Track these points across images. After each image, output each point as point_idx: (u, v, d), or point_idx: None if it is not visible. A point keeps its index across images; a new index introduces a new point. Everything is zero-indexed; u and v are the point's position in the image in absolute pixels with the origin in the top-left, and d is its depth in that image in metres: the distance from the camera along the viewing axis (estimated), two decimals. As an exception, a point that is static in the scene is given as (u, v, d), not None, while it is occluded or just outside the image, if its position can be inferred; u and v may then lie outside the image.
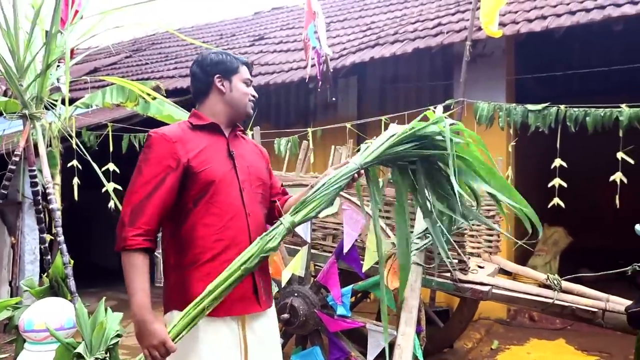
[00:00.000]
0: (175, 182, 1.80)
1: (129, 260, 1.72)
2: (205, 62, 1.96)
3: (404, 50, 5.51)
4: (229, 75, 1.95)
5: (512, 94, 5.73)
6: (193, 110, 1.99)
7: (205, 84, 1.95)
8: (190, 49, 9.22)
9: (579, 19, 4.68)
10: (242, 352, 1.84)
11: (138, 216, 1.72)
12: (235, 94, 1.96)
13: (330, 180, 1.82)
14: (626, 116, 4.28)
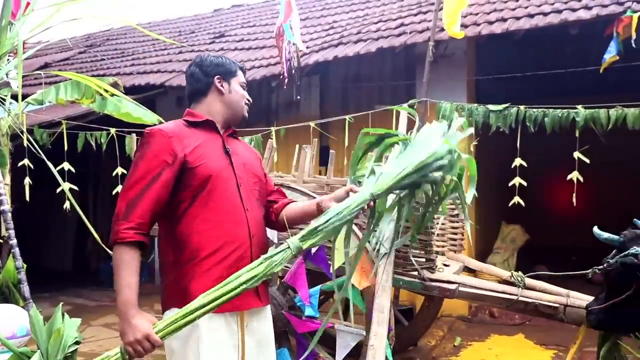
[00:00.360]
0: (171, 177, 1.79)
1: (120, 254, 1.70)
2: (205, 63, 2.01)
3: (367, 49, 5.52)
4: (228, 77, 2.01)
5: (473, 95, 5.84)
6: (187, 110, 2.00)
7: (205, 84, 1.98)
8: (147, 46, 8.98)
9: (537, 22, 4.80)
10: (239, 352, 1.84)
11: (132, 210, 1.71)
12: (234, 96, 2.01)
13: (342, 210, 1.77)
14: (582, 117, 4.41)
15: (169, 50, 8.10)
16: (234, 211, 1.86)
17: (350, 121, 5.12)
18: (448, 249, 4.06)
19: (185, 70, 2.07)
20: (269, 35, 7.69)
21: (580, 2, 4.93)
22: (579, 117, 4.43)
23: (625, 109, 4.31)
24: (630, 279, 2.45)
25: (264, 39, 7.51)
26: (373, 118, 5.12)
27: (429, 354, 4.78)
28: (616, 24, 4.39)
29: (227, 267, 1.80)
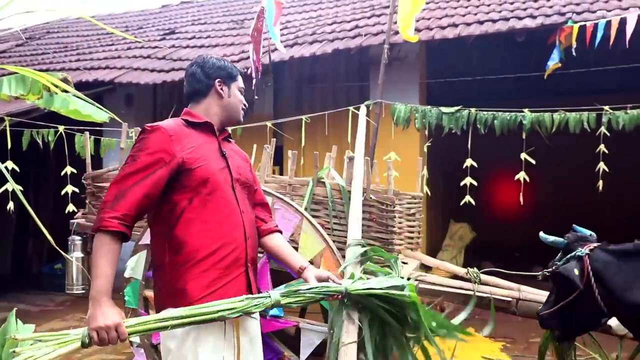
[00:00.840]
0: (165, 175, 1.79)
1: (100, 241, 1.71)
2: (207, 64, 2.04)
3: (323, 50, 5.58)
4: (228, 81, 2.04)
5: (424, 97, 6.01)
6: (186, 109, 2.02)
7: (206, 85, 2.00)
8: (92, 40, 8.67)
9: (487, 28, 5.01)
10: (234, 350, 1.86)
11: (120, 201, 1.72)
12: (232, 100, 2.04)
13: (318, 288, 1.95)
14: (529, 120, 4.65)
15: (117, 46, 7.86)
16: (231, 213, 1.89)
17: (307, 121, 5.16)
18: (405, 247, 4.18)
19: (186, 69, 2.09)
20: (221, 33, 7.62)
21: (525, 11, 5.19)
22: (526, 120, 4.66)
23: (567, 113, 4.58)
24: (572, 286, 2.58)
25: (217, 37, 7.42)
26: (328, 118, 5.19)
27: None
28: (558, 33, 4.65)
29: (224, 268, 1.83)
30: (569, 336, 3.01)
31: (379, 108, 5.14)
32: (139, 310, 3.44)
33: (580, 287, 2.58)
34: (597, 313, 2.66)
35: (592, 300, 2.56)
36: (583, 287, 2.57)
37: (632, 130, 4.46)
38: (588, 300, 2.58)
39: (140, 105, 7.09)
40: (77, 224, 3.97)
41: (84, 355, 4.80)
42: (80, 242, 4.01)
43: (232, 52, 6.54)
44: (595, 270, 2.58)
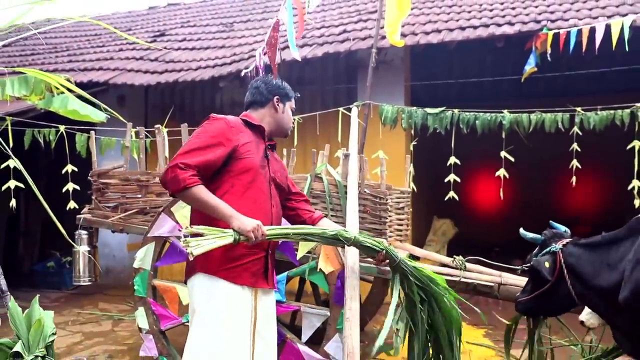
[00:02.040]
0: (223, 155, 2.13)
1: (199, 192, 2.06)
2: (270, 82, 2.46)
3: (314, 54, 5.83)
4: (284, 100, 2.45)
5: (409, 98, 6.31)
6: (245, 113, 2.42)
7: (266, 98, 2.40)
8: (82, 42, 8.79)
9: (469, 34, 5.33)
10: (251, 320, 2.16)
11: (192, 162, 2.04)
12: (285, 116, 2.45)
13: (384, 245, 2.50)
14: (508, 120, 4.98)
15: (108, 47, 8.00)
16: (263, 204, 2.23)
17: (300, 121, 5.42)
18: (395, 238, 4.45)
19: (251, 83, 2.49)
20: (211, 35, 7.82)
21: (504, 19, 5.52)
22: (505, 121, 4.98)
23: (543, 113, 4.92)
24: (543, 277, 2.87)
25: (207, 39, 7.61)
26: (320, 119, 5.46)
27: (376, 337, 5.16)
28: (534, 40, 4.99)
29: (250, 248, 2.16)
30: (537, 316, 3.37)
31: (367, 109, 5.42)
32: (147, 299, 3.65)
33: (549, 279, 2.91)
34: (568, 301, 2.96)
35: (564, 289, 2.89)
36: (556, 279, 2.90)
37: (602, 130, 4.83)
38: (561, 290, 2.91)
39: (133, 106, 7.25)
40: (84, 219, 4.15)
41: (86, 347, 4.98)
42: (86, 236, 4.18)
43: (223, 55, 6.75)
44: (568, 263, 2.92)
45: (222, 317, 2.10)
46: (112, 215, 4.07)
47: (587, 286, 2.86)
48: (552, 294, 2.99)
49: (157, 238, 3.63)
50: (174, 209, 3.58)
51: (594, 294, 2.83)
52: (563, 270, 2.88)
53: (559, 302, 3.03)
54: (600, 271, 2.80)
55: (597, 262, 2.84)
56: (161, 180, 2.14)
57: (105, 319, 5.99)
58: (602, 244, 2.86)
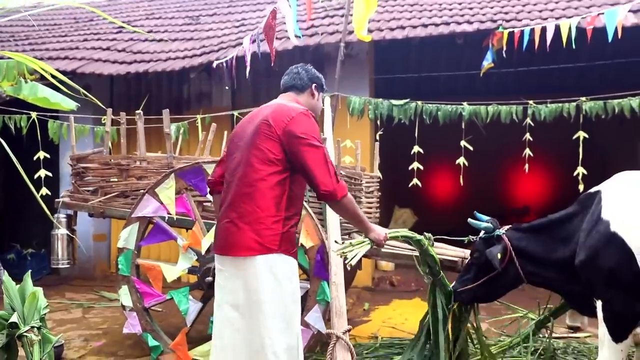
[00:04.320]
0: None
1: (351, 200, 2.42)
2: (311, 71, 2.67)
3: (284, 47, 6.04)
4: (320, 90, 2.66)
5: (373, 91, 6.62)
6: (294, 96, 2.57)
7: (305, 84, 2.60)
8: (41, 31, 8.64)
9: (431, 31, 5.67)
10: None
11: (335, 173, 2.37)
12: (317, 104, 2.67)
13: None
14: (467, 112, 5.35)
15: (71, 37, 7.93)
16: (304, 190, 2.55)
17: (271, 111, 5.61)
18: (364, 221, 4.73)
19: (292, 67, 2.67)
20: (178, 28, 7.88)
21: (463, 17, 5.90)
22: (465, 112, 5.36)
23: (499, 106, 5.32)
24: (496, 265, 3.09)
25: (174, 31, 7.68)
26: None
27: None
28: (491, 37, 5.37)
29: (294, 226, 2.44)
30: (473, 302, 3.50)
31: (335, 100, 5.68)
32: (131, 277, 3.76)
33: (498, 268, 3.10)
34: (515, 282, 3.23)
35: (513, 271, 3.16)
36: (507, 262, 3.12)
37: (551, 122, 5.27)
38: (509, 273, 3.17)
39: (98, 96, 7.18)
40: (63, 202, 4.21)
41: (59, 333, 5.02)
42: (65, 219, 4.24)
43: (192, 47, 6.85)
44: (516, 246, 3.17)
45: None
46: (91, 199, 4.15)
47: (542, 264, 3.14)
48: (501, 278, 3.21)
49: (141, 218, 3.75)
50: (158, 190, 3.71)
51: (551, 269, 3.14)
52: (512, 254, 3.13)
53: (506, 285, 3.28)
54: (556, 247, 3.12)
55: (549, 240, 3.15)
56: (329, 188, 2.30)
57: (75, 307, 5.99)
58: (554, 223, 3.18)
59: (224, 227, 2.37)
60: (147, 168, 4.09)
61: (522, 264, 3.16)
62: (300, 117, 2.35)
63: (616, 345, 2.80)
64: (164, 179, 3.71)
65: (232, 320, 2.35)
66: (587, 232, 2.98)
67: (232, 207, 2.36)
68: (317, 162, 2.30)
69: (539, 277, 3.22)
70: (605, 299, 2.87)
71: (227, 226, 2.35)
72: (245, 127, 2.50)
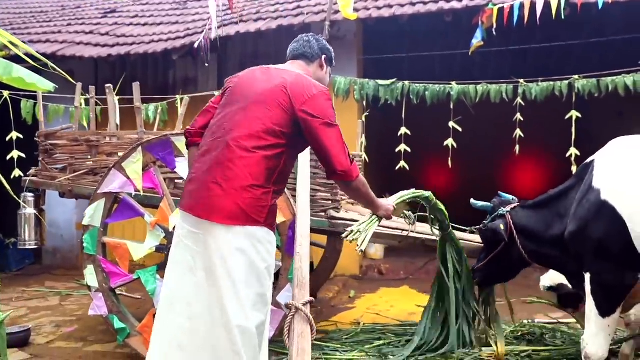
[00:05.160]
0: None
1: (363, 181, 2.40)
2: (321, 41, 2.54)
3: (268, 27, 5.87)
4: (329, 63, 2.55)
5: (362, 72, 6.44)
6: (304, 65, 2.44)
7: (315, 54, 2.48)
8: (26, 17, 8.48)
9: (419, 9, 5.49)
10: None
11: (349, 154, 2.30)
12: (326, 77, 2.55)
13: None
14: (456, 91, 5.17)
15: (56, 22, 7.77)
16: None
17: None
18: (347, 202, 4.54)
19: (301, 36, 2.53)
20: (164, 13, 7.72)
21: (452, -6, 5.71)
22: (453, 92, 5.18)
23: (488, 85, 5.13)
24: (499, 238, 3.10)
25: (160, 16, 7.51)
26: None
27: (329, 303, 5.27)
28: (481, 15, 5.18)
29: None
30: (488, 284, 3.56)
31: (321, 81, 5.50)
32: (97, 256, 3.59)
33: (505, 239, 3.10)
34: (520, 262, 3.18)
35: (516, 250, 3.11)
36: (507, 240, 3.08)
37: (542, 101, 5.08)
38: (513, 251, 3.13)
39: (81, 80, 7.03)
40: (30, 181, 4.04)
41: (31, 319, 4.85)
42: (32, 198, 4.07)
43: (177, 30, 6.69)
44: (517, 223, 3.11)
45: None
46: (60, 177, 3.98)
47: (541, 241, 3.03)
48: (505, 256, 3.19)
49: (107, 194, 3.58)
50: (125, 164, 3.54)
51: (548, 246, 3.00)
52: (513, 231, 3.09)
53: (512, 264, 3.24)
54: (553, 223, 2.99)
55: (549, 216, 3.04)
56: (345, 167, 2.24)
57: (53, 295, 5.83)
58: (552, 198, 3.06)
59: (206, 187, 2.13)
60: (117, 144, 3.93)
61: (524, 242, 3.09)
62: (321, 96, 2.24)
63: (603, 320, 2.64)
64: (130, 152, 3.53)
65: (199, 286, 2.14)
66: (578, 202, 2.83)
67: (220, 168, 2.13)
68: (333, 142, 2.23)
69: (539, 255, 3.11)
70: (593, 271, 2.72)
71: (210, 187, 2.12)
72: (255, 81, 2.29)
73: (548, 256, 3.07)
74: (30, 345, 4.10)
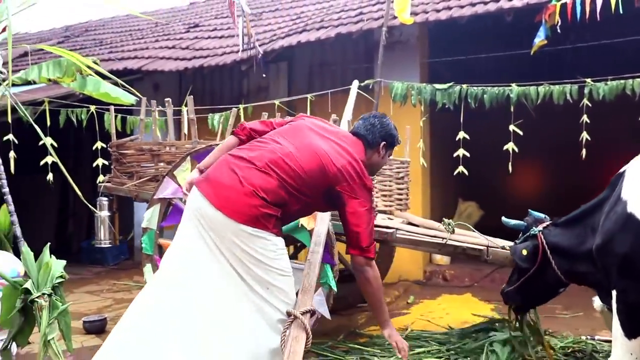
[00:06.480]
0: None
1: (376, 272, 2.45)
2: (387, 126, 2.58)
3: (327, 35, 6.02)
4: (389, 148, 2.61)
5: (426, 76, 6.37)
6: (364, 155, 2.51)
7: (375, 142, 2.54)
8: (124, 35, 9.36)
9: (477, 9, 5.35)
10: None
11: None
12: (381, 162, 2.63)
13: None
14: (515, 93, 4.98)
15: (146, 39, 8.50)
16: None
17: (312, 99, 5.63)
18: (395, 208, 4.57)
19: (370, 116, 2.62)
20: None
21: (511, -7, 5.49)
22: (513, 94, 4.99)
23: (551, 86, 4.88)
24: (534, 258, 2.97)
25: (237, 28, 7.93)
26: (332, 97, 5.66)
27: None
28: (544, 12, 4.95)
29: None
30: (527, 309, 3.39)
31: (378, 86, 5.56)
32: (154, 256, 3.96)
33: (524, 266, 2.97)
34: (556, 283, 3.02)
35: (550, 270, 2.95)
36: (540, 261, 2.94)
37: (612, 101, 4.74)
38: (547, 272, 2.98)
39: (167, 92, 7.66)
40: (104, 187, 4.53)
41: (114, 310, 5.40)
42: (106, 202, 4.55)
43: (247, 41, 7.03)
44: (550, 242, 2.96)
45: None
46: (128, 183, 4.42)
47: (575, 258, 2.88)
48: (539, 278, 3.03)
49: (161, 200, 3.93)
50: (176, 172, 3.87)
51: (583, 262, 2.85)
52: (546, 251, 2.94)
53: (548, 285, 3.08)
54: (586, 238, 2.84)
55: (582, 231, 2.88)
56: (367, 245, 2.37)
57: (137, 288, 6.40)
58: (586, 212, 2.90)
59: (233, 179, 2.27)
60: (175, 153, 4.28)
61: (558, 261, 2.93)
62: (363, 186, 2.38)
63: (629, 342, 2.48)
64: (180, 161, 3.86)
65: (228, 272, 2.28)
66: (606, 214, 2.68)
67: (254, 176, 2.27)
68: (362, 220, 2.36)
69: (575, 273, 2.94)
70: (619, 288, 2.55)
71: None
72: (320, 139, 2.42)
73: (584, 274, 2.89)
74: (106, 332, 4.59)
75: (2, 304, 3.14)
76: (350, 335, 4.29)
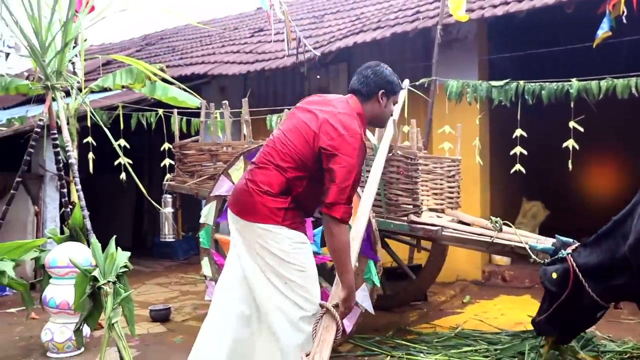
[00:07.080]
0: None
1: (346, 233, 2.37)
2: (380, 73, 2.47)
3: (383, 35, 6.07)
4: (389, 94, 2.48)
5: (485, 74, 6.25)
6: (358, 103, 2.44)
7: (371, 92, 2.44)
8: (195, 42, 9.86)
9: (535, 3, 5.20)
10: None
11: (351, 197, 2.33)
12: (385, 111, 2.51)
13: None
14: (575, 88, 4.79)
15: (214, 45, 8.92)
16: None
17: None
18: (446, 206, 4.56)
19: (363, 68, 2.52)
20: (301, 28, 8.34)
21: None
22: (573, 89, 4.81)
23: (614, 79, 4.67)
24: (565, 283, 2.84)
25: (298, 31, 8.15)
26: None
27: (437, 307, 5.30)
28: (608, 2, 4.73)
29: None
30: (567, 339, 3.23)
31: (433, 84, 5.53)
32: (211, 250, 4.21)
33: (553, 289, 2.87)
34: (593, 306, 2.86)
35: (584, 294, 2.81)
36: (572, 286, 2.81)
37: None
38: (582, 296, 2.83)
39: (232, 95, 8.03)
40: (168, 185, 4.86)
41: (179, 301, 5.74)
42: (170, 199, 4.88)
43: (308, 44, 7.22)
44: (581, 264, 2.84)
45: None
46: (189, 181, 4.72)
47: (609, 271, 2.77)
48: (572, 304, 2.88)
49: (217, 197, 4.18)
50: (231, 171, 4.10)
51: (618, 273, 2.75)
52: (578, 274, 2.81)
53: (583, 311, 2.92)
54: (618, 247, 2.74)
55: (613, 243, 2.77)
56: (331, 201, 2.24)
57: (202, 282, 6.77)
58: (616, 223, 2.80)
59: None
60: (232, 153, 4.52)
61: (592, 284, 2.80)
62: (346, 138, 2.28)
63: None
64: (235, 161, 4.08)
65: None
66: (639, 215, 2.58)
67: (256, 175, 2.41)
68: (340, 174, 2.25)
69: (611, 289, 2.82)
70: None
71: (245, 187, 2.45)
72: (303, 111, 2.46)
73: (620, 286, 2.78)
74: (170, 321, 4.93)
75: (76, 290, 3.49)
76: (399, 332, 4.33)
